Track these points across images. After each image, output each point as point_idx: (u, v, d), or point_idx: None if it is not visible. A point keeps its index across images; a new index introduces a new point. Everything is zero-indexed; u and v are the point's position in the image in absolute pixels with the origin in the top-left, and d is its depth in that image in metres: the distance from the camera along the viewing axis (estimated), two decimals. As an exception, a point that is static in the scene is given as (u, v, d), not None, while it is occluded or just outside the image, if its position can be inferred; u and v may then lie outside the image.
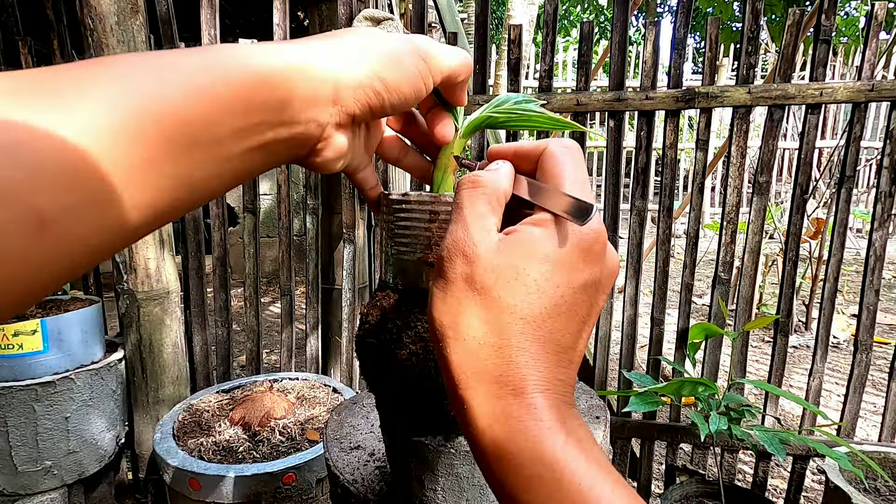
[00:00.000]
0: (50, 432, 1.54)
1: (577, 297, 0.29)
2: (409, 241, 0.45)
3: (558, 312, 0.28)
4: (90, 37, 1.53)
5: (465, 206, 0.31)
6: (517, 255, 0.28)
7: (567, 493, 0.24)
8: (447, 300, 0.29)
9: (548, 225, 0.29)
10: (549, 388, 0.27)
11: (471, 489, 0.50)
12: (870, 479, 1.45)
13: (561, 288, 0.28)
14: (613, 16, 1.62)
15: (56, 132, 0.20)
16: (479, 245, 0.29)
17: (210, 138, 0.25)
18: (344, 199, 1.81)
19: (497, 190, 0.31)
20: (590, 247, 0.29)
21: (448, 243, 0.30)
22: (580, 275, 0.29)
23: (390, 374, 0.45)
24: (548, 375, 0.27)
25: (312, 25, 1.95)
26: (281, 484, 1.27)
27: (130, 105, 0.22)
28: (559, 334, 0.28)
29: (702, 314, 3.91)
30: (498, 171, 0.32)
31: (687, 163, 7.70)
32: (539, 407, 0.26)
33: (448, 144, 0.45)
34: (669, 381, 1.28)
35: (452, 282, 0.29)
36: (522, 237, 0.29)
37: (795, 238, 1.61)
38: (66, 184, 0.20)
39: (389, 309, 0.46)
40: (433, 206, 0.44)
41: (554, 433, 0.26)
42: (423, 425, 0.49)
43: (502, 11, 8.85)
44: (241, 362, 2.75)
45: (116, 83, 0.22)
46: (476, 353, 0.28)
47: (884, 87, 1.46)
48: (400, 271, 0.46)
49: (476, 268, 0.28)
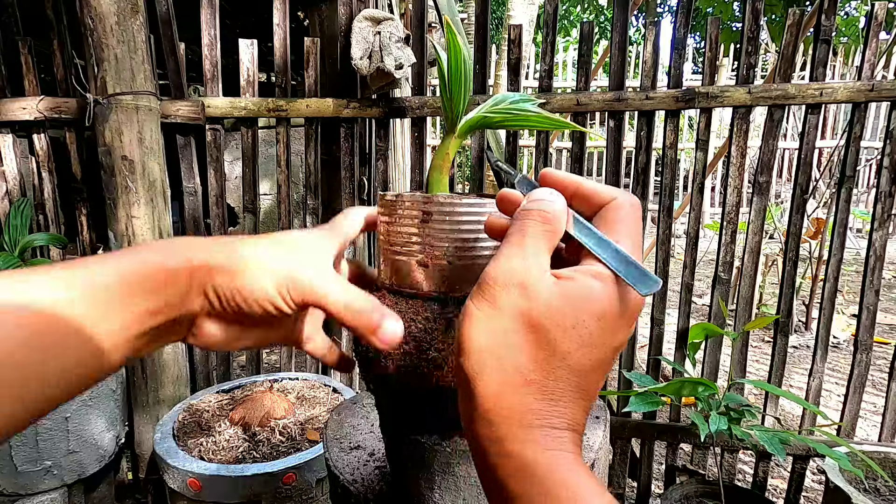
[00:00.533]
0: (50, 432, 1.54)
1: (612, 355, 0.30)
2: (402, 241, 0.45)
3: (597, 368, 0.30)
4: (90, 37, 1.53)
5: (529, 235, 0.30)
6: (578, 307, 0.29)
7: None
8: (492, 327, 0.29)
9: (608, 283, 0.29)
10: (575, 428, 0.29)
11: (467, 488, 0.50)
12: (870, 479, 1.45)
13: (605, 347, 0.30)
14: (613, 16, 1.62)
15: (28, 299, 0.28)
16: (539, 282, 0.29)
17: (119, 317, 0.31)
18: (344, 200, 1.81)
19: (559, 232, 0.31)
20: (635, 313, 0.30)
21: (503, 268, 0.30)
22: (619, 336, 0.30)
23: (385, 375, 0.45)
24: (577, 417, 0.30)
25: (312, 25, 1.95)
26: (281, 484, 1.27)
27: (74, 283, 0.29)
28: (592, 384, 0.30)
29: (702, 314, 3.91)
30: (562, 211, 0.32)
31: (687, 163, 7.70)
32: (567, 441, 0.29)
33: (443, 145, 0.45)
34: (669, 381, 1.28)
35: (501, 309, 0.29)
36: (583, 288, 0.29)
37: (795, 238, 1.61)
38: (37, 337, 0.27)
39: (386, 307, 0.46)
40: (426, 207, 0.43)
41: (577, 465, 0.28)
42: (418, 424, 0.49)
43: (502, 11, 8.84)
44: (241, 362, 2.75)
45: (56, 274, 0.29)
46: (521, 387, 0.29)
47: (884, 87, 1.46)
48: (394, 271, 0.46)
49: (534, 304, 0.29)
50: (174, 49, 1.74)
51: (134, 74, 1.57)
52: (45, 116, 1.73)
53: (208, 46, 1.74)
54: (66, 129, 1.79)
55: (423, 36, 1.72)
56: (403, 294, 0.46)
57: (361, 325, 0.36)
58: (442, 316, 0.44)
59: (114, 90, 1.56)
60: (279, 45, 1.77)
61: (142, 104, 1.59)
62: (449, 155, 0.46)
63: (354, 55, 1.61)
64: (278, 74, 1.79)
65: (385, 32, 1.61)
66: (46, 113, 1.73)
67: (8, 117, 1.74)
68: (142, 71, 1.59)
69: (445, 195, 0.44)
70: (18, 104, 1.73)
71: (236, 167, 3.40)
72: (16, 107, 1.73)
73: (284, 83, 1.79)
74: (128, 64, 1.56)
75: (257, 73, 1.79)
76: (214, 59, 1.76)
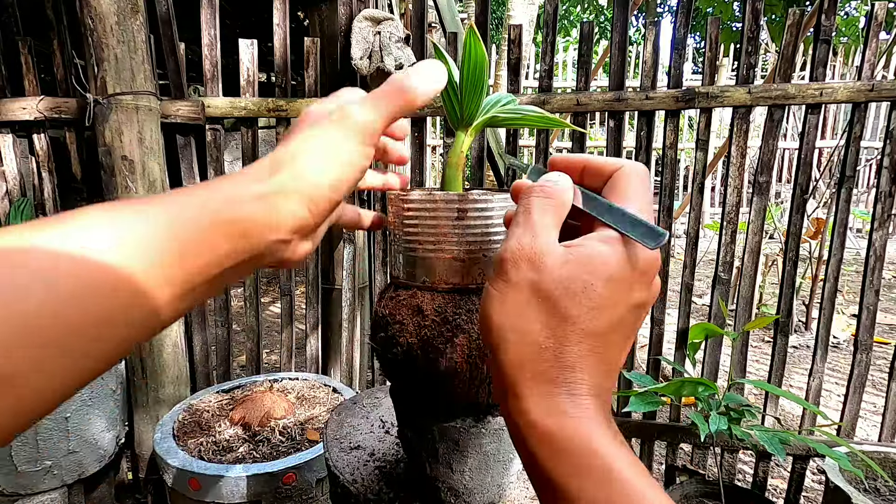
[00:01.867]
0: (50, 432, 1.54)
1: (630, 315, 0.31)
2: (434, 239, 0.46)
3: (613, 329, 0.30)
4: (90, 37, 1.53)
5: (535, 212, 0.32)
6: (585, 270, 0.30)
7: (616, 483, 0.27)
8: (507, 302, 0.30)
9: (615, 244, 0.30)
10: (598, 393, 0.30)
11: (496, 465, 0.52)
12: (870, 479, 1.45)
13: (619, 306, 0.30)
14: (613, 16, 1.62)
15: (98, 253, 0.24)
16: (547, 254, 0.30)
17: (191, 266, 0.28)
18: (344, 199, 1.80)
19: (565, 204, 0.33)
20: (649, 269, 0.31)
21: (513, 246, 0.31)
22: (636, 295, 0.31)
23: (430, 366, 0.47)
24: (597, 382, 0.30)
25: (312, 25, 1.95)
26: (281, 484, 1.27)
27: (138, 235, 0.26)
28: (611, 348, 0.30)
29: (702, 314, 3.91)
30: (565, 186, 0.33)
31: (687, 163, 7.70)
32: (591, 407, 0.29)
33: (457, 142, 0.46)
34: (669, 381, 1.28)
35: (515, 285, 0.30)
36: (590, 253, 0.30)
37: (795, 238, 1.60)
38: (110, 292, 0.25)
39: (424, 305, 0.47)
40: (462, 205, 0.44)
41: (603, 431, 0.28)
42: (454, 409, 0.51)
43: (502, 11, 8.84)
44: (241, 362, 2.76)
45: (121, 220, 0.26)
46: (536, 355, 0.30)
47: (884, 87, 1.46)
48: (425, 269, 0.47)
49: (544, 276, 0.30)
50: (174, 49, 1.74)
51: (134, 74, 1.57)
52: (45, 116, 1.73)
53: (208, 46, 1.74)
54: (66, 129, 1.79)
55: (423, 36, 1.72)
56: (438, 290, 0.47)
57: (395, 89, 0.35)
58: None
59: (114, 90, 1.56)
60: (279, 45, 1.77)
61: (142, 104, 1.59)
62: (463, 153, 0.47)
63: (354, 55, 1.61)
64: (278, 74, 1.79)
65: (385, 32, 1.61)
66: (46, 113, 1.73)
67: (8, 117, 1.74)
68: (142, 71, 1.59)
69: (479, 192, 0.45)
70: (18, 104, 1.73)
71: (236, 167, 3.40)
72: (16, 107, 1.73)
73: (284, 83, 1.79)
74: (128, 64, 1.56)
75: (257, 73, 1.79)
76: (214, 59, 1.76)
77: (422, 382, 0.49)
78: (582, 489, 0.27)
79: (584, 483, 0.27)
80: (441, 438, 0.51)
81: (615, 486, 0.27)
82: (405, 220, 0.47)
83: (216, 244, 0.29)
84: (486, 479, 0.52)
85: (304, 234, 0.34)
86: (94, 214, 0.26)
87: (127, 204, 0.28)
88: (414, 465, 0.56)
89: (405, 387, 0.53)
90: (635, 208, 0.31)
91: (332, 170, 0.33)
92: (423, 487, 0.55)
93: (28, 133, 1.81)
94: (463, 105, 0.46)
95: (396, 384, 0.55)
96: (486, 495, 0.53)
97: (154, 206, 0.28)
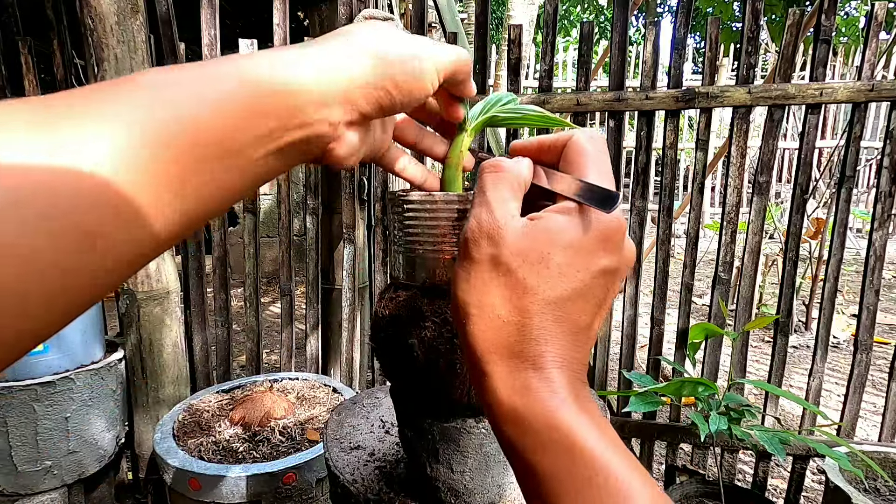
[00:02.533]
0: (50, 432, 1.54)
1: (596, 281, 0.30)
2: (434, 240, 0.46)
3: (577, 296, 0.30)
4: (90, 37, 1.53)
5: (488, 189, 0.32)
6: (542, 241, 0.29)
7: (578, 457, 0.26)
8: (471, 280, 0.31)
9: (572, 213, 0.30)
10: (565, 364, 0.29)
11: (496, 465, 0.52)
12: (870, 479, 1.45)
13: (581, 273, 0.29)
14: (613, 16, 1.62)
15: (88, 158, 0.21)
16: (504, 228, 0.30)
17: (232, 147, 0.26)
18: (344, 200, 1.81)
19: (519, 175, 0.33)
20: (611, 235, 0.30)
21: (472, 225, 0.31)
22: (600, 261, 0.30)
23: (430, 366, 0.47)
24: (564, 353, 0.29)
25: (312, 26, 1.95)
26: (281, 484, 1.27)
27: (155, 124, 0.23)
28: (577, 316, 0.30)
29: (702, 314, 3.91)
30: (516, 160, 0.34)
31: (687, 163, 7.70)
32: (556, 381, 0.28)
33: (457, 143, 0.46)
34: (669, 381, 1.28)
35: (477, 262, 0.30)
36: (548, 224, 0.30)
37: (795, 238, 1.61)
38: (105, 204, 0.21)
39: (424, 306, 0.47)
40: (461, 206, 0.45)
41: (567, 405, 0.28)
42: (454, 410, 0.51)
43: (502, 11, 8.84)
44: (241, 362, 2.76)
45: (140, 104, 0.23)
46: (499, 329, 0.29)
47: (884, 87, 1.46)
48: (426, 270, 0.47)
49: (502, 250, 0.30)
50: (174, 49, 1.74)
51: (134, 74, 1.57)
52: (45, 116, 1.73)
53: (208, 46, 1.74)
54: (66, 129, 1.79)
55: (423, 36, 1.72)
56: (438, 291, 0.47)
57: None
58: None
59: (114, 90, 1.56)
60: (279, 45, 1.77)
61: (142, 104, 1.59)
62: (463, 153, 0.47)
63: (354, 55, 1.60)
64: (278, 74, 1.79)
65: (385, 32, 1.61)
66: (46, 113, 1.73)
67: (8, 117, 1.74)
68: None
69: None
70: (18, 104, 1.73)
71: (236, 167, 3.40)
72: (16, 107, 1.73)
73: (284, 83, 1.79)
74: (128, 64, 1.56)
75: (257, 73, 1.79)
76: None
77: (422, 384, 0.49)
78: (545, 464, 0.27)
79: (547, 458, 0.27)
80: (441, 438, 0.51)
81: (577, 459, 0.26)
82: (405, 220, 0.47)
83: (266, 114, 0.27)
84: (487, 479, 0.52)
85: (353, 122, 0.32)
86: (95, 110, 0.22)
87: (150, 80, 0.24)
88: (414, 465, 0.56)
89: (405, 387, 0.53)
90: (593, 176, 0.31)
91: (395, 71, 0.32)
92: (423, 487, 0.55)
93: (28, 133, 1.80)
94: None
95: (396, 385, 0.55)
96: (486, 496, 0.53)
97: (191, 80, 0.25)
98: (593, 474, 0.26)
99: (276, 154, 0.28)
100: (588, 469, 0.26)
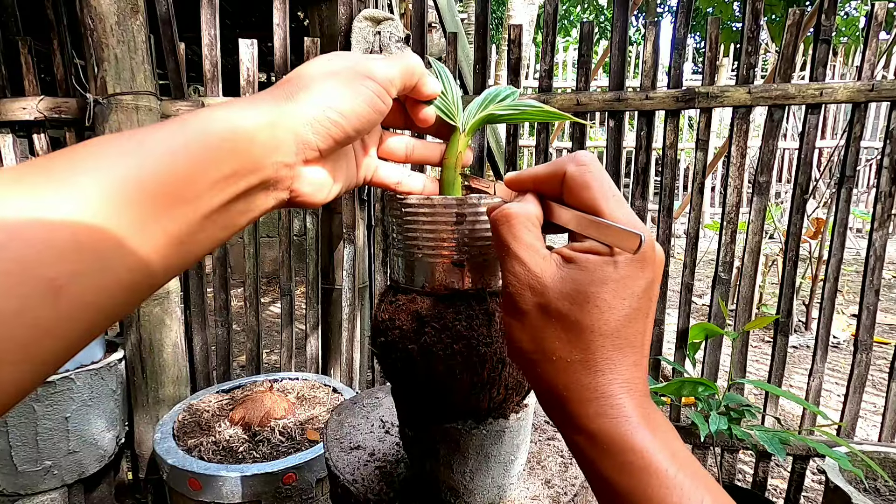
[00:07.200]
0: (50, 432, 1.54)
1: (641, 302, 0.32)
2: (433, 244, 0.45)
3: (629, 321, 0.31)
4: (90, 37, 1.53)
5: (509, 241, 0.33)
6: (584, 282, 0.31)
7: (653, 477, 0.29)
8: (526, 329, 0.33)
9: (604, 251, 0.32)
10: (630, 387, 0.31)
11: (496, 466, 0.52)
12: (870, 479, 1.45)
13: (627, 300, 0.31)
14: (613, 16, 1.62)
15: (57, 212, 0.23)
16: (542, 276, 0.32)
17: (190, 194, 0.27)
18: (344, 200, 1.81)
19: (530, 215, 0.34)
20: (645, 255, 0.31)
21: (510, 280, 0.33)
22: (641, 283, 0.32)
23: (430, 372, 0.46)
24: (628, 377, 0.31)
25: (312, 25, 1.95)
26: (281, 484, 1.27)
27: (115, 178, 0.25)
28: (632, 338, 0.32)
29: (702, 314, 3.91)
30: (523, 198, 0.35)
31: (687, 163, 7.70)
32: (626, 406, 0.31)
33: (453, 144, 0.46)
34: (669, 381, 1.28)
35: (526, 313, 0.32)
36: (584, 265, 0.31)
37: (795, 238, 1.61)
38: (71, 254, 0.23)
39: (423, 311, 0.46)
40: (461, 209, 0.44)
41: (640, 428, 0.30)
42: (454, 413, 0.51)
43: (502, 11, 8.85)
44: (241, 362, 2.76)
45: (101, 161, 0.25)
46: (565, 369, 0.32)
47: (884, 87, 1.46)
48: (425, 274, 0.47)
49: (548, 298, 0.32)
50: (174, 49, 1.74)
51: (134, 74, 1.57)
52: (45, 116, 1.73)
53: (208, 46, 1.74)
54: (66, 129, 1.79)
55: (423, 36, 1.72)
56: (438, 295, 0.46)
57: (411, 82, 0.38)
58: (482, 311, 0.45)
59: (114, 90, 1.56)
60: (279, 45, 1.77)
61: (142, 104, 1.59)
62: (461, 154, 0.46)
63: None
64: (278, 74, 1.79)
65: (385, 32, 1.61)
66: (46, 113, 1.73)
67: (8, 117, 1.74)
68: (142, 71, 1.59)
69: (475, 197, 0.45)
70: (18, 104, 1.73)
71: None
72: (16, 107, 1.73)
73: (284, 83, 1.79)
74: (128, 64, 1.56)
75: (257, 73, 1.79)
76: (214, 59, 1.76)
77: (422, 388, 0.49)
78: (623, 484, 0.29)
79: (624, 478, 0.29)
80: (442, 439, 0.51)
81: (653, 479, 0.28)
82: (404, 224, 0.47)
83: (219, 160, 0.28)
84: (487, 479, 0.52)
85: (310, 160, 0.33)
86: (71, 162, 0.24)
87: (117, 141, 0.26)
88: (414, 466, 0.56)
89: (405, 391, 0.53)
90: (610, 209, 0.32)
91: (346, 100, 0.33)
92: (423, 488, 0.55)
93: (28, 133, 1.81)
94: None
95: (397, 387, 0.55)
96: (486, 496, 0.53)
97: (150, 135, 0.27)
98: (668, 493, 0.28)
99: (237, 200, 0.30)
100: (663, 488, 0.28)
